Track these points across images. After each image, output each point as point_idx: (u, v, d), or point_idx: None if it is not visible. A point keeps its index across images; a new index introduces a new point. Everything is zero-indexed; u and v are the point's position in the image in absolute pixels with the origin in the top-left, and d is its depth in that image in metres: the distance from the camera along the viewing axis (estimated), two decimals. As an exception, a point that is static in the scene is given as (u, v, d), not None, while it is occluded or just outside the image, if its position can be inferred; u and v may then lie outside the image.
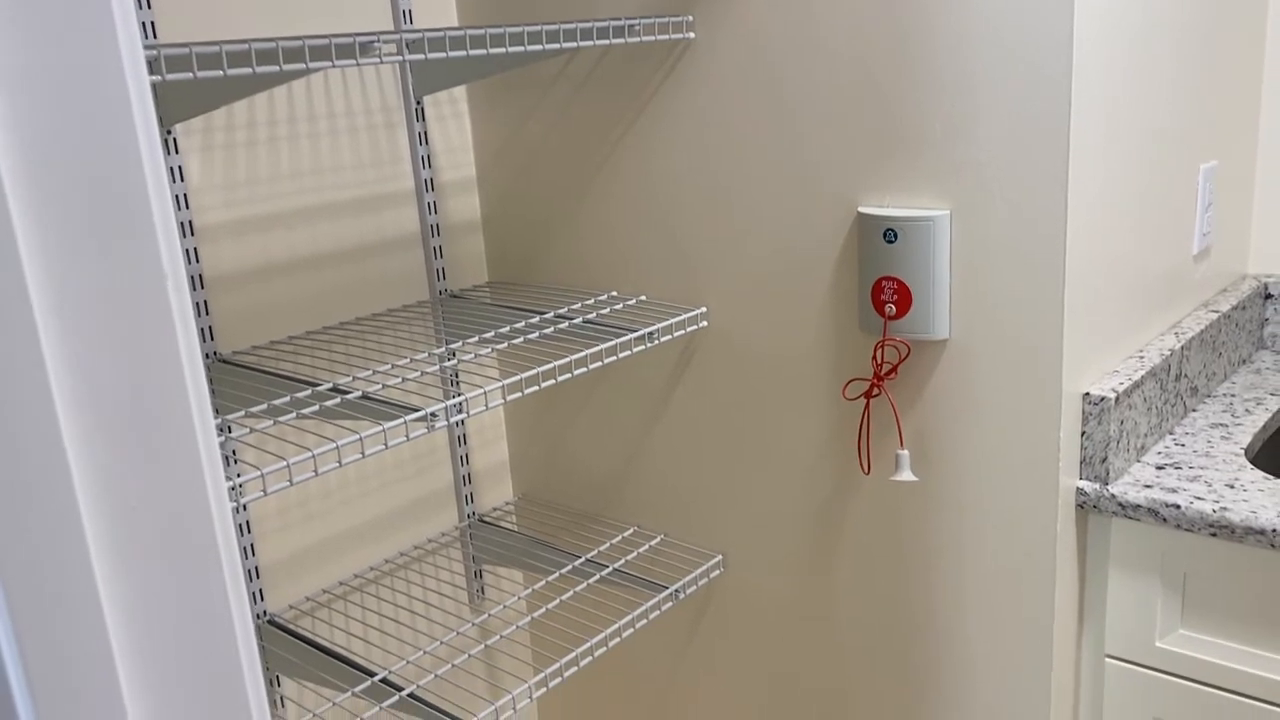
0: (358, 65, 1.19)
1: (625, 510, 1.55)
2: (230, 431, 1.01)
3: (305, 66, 0.96)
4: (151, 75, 0.88)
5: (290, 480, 0.96)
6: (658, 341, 1.31)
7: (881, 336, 1.20)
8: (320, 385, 1.11)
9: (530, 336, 1.24)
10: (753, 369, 1.34)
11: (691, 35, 1.27)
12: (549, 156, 1.46)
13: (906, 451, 1.22)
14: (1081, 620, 1.23)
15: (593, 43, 1.19)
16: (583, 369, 1.22)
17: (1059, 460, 1.13)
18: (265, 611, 1.36)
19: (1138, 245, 1.24)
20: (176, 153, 1.21)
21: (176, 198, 1.21)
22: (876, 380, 1.21)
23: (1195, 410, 1.35)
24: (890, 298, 1.17)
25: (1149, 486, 1.14)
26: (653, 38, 1.26)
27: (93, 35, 0.35)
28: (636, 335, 1.27)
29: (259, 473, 0.93)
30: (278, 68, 0.94)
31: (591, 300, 1.42)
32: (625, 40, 1.22)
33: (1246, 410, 1.34)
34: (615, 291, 1.45)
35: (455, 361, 1.20)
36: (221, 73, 0.91)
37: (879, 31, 1.13)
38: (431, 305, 1.47)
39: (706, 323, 1.37)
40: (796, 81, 1.20)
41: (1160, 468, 1.18)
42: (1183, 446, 1.24)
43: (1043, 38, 1.03)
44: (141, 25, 1.15)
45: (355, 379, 1.14)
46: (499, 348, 1.23)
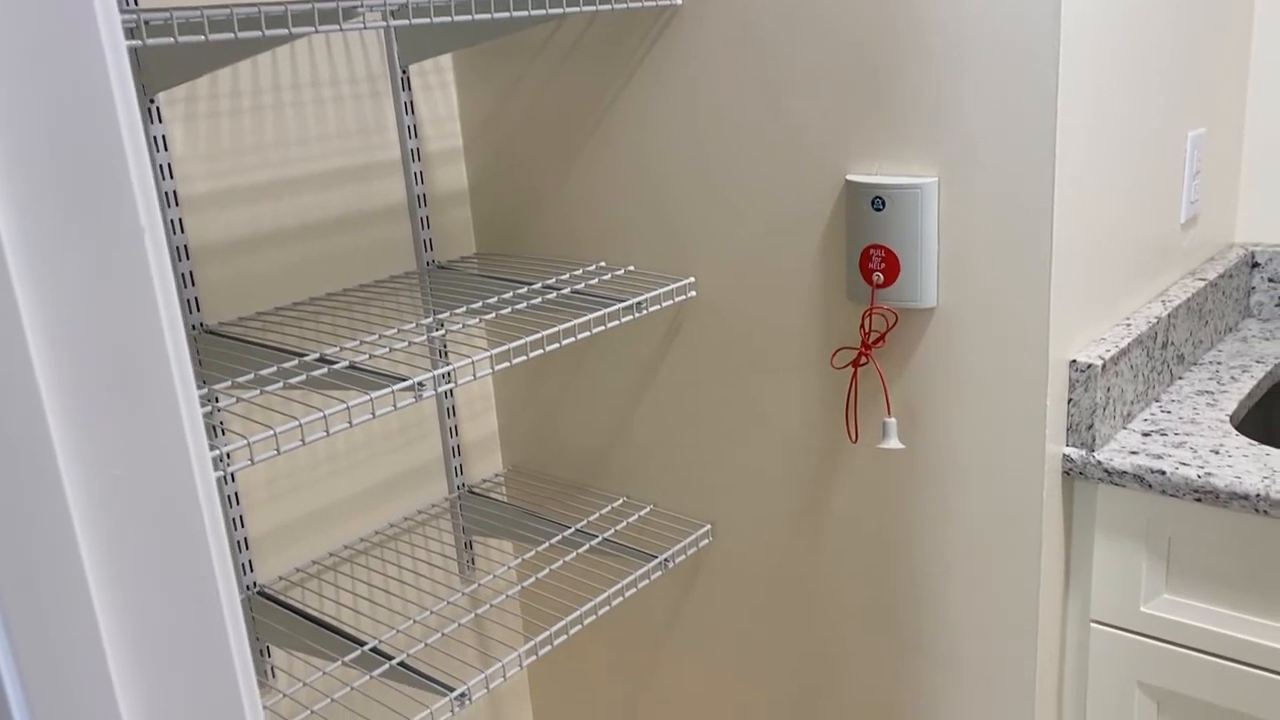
0: (341, 31, 1.18)
1: (614, 481, 1.55)
2: (217, 401, 1.01)
3: (288, 32, 0.95)
4: (133, 40, 0.87)
5: (277, 449, 0.96)
6: (646, 311, 1.31)
7: (869, 305, 1.20)
8: (307, 355, 1.10)
9: (518, 307, 1.23)
10: (741, 339, 1.34)
11: (678, 2, 1.26)
12: (536, 126, 1.46)
13: (894, 419, 1.22)
14: (1067, 585, 1.24)
15: (579, 9, 1.18)
16: (571, 339, 1.21)
17: (1045, 427, 1.13)
18: (255, 583, 1.36)
19: (1125, 213, 1.24)
20: (160, 122, 1.20)
21: (160, 167, 1.20)
22: (864, 349, 1.21)
23: (1182, 378, 1.35)
24: (878, 266, 1.17)
25: (1135, 453, 1.14)
26: (639, 4, 1.25)
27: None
28: (624, 305, 1.27)
29: (245, 442, 0.93)
30: (260, 33, 0.93)
31: (580, 270, 1.42)
32: (611, 7, 1.21)
33: (1232, 378, 1.34)
34: (603, 262, 1.45)
35: (443, 332, 1.20)
36: (203, 38, 0.90)
37: (867, -3, 1.12)
38: (419, 276, 1.47)
39: (695, 293, 1.37)
40: (784, 48, 1.20)
41: (1146, 434, 1.19)
42: (1169, 413, 1.25)
43: (1031, 6, 1.03)
44: (122, -8, 1.14)
45: (342, 349, 1.14)
46: (487, 318, 1.23)
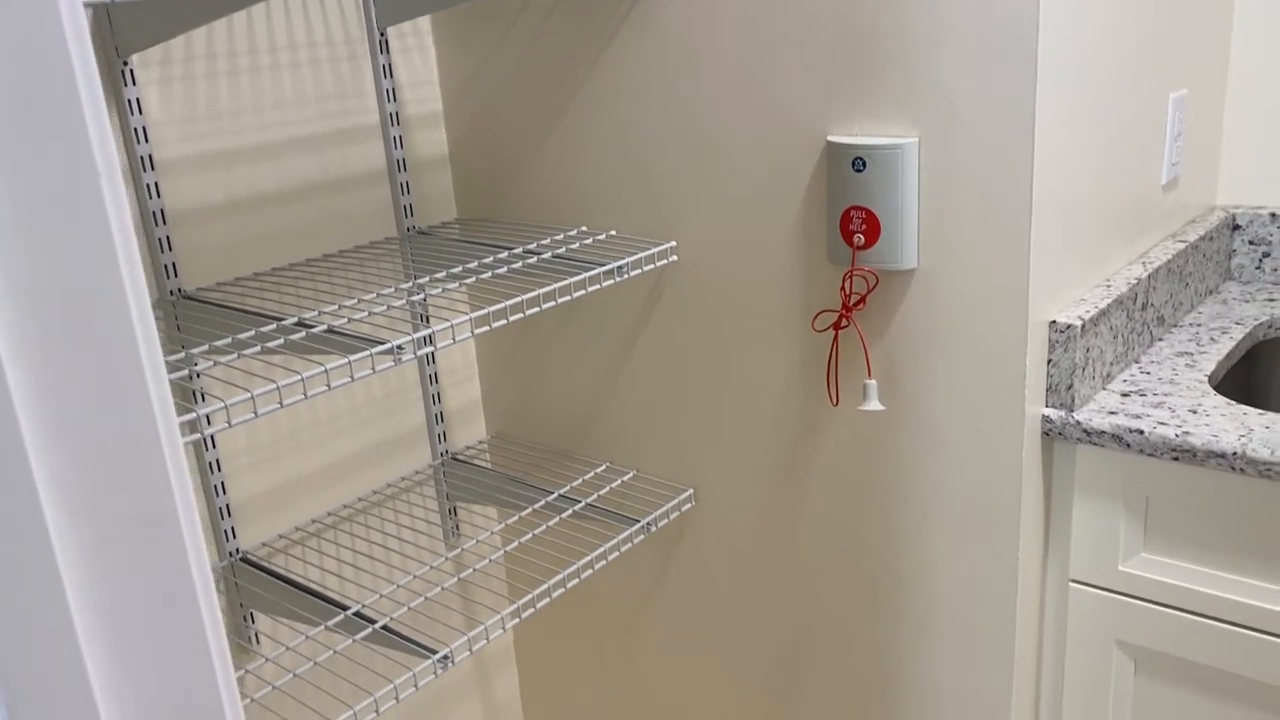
0: (317, -7, 1.17)
1: (598, 447, 1.56)
2: (195, 365, 1.00)
3: (260, -10, 0.94)
4: (101, -2, 0.86)
5: (255, 412, 0.96)
6: (627, 276, 1.30)
7: (850, 267, 1.20)
8: (286, 320, 1.10)
9: (499, 272, 1.23)
10: (722, 303, 1.34)
11: (658, -38, 1.25)
12: (516, 90, 1.45)
13: (874, 381, 1.22)
14: (1046, 546, 1.25)
15: (557, -31, 1.17)
16: (551, 303, 1.21)
17: (1025, 388, 1.14)
18: (238, 549, 1.36)
19: (1106, 174, 1.24)
20: (134, 84, 1.18)
21: (135, 130, 1.19)
22: (845, 311, 1.22)
23: (1162, 339, 1.36)
24: (859, 227, 1.17)
25: (1113, 413, 1.15)
26: (619, -35, 1.24)
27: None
28: (605, 269, 1.26)
29: (223, 404, 0.92)
30: (232, -9, 0.92)
31: (561, 236, 1.41)
32: (590, -33, 1.20)
33: (1212, 339, 1.35)
34: (585, 227, 1.44)
35: (422, 297, 1.19)
36: (174, -4, 0.88)
37: (847, -44, 1.11)
38: (400, 242, 1.46)
39: (676, 257, 1.36)
40: (764, 9, 1.19)
41: (1125, 395, 1.20)
42: (1148, 374, 1.25)
43: (1011, -40, 1.02)
44: (93, -48, 1.12)
45: (321, 314, 1.14)
46: (467, 283, 1.22)
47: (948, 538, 1.24)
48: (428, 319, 1.52)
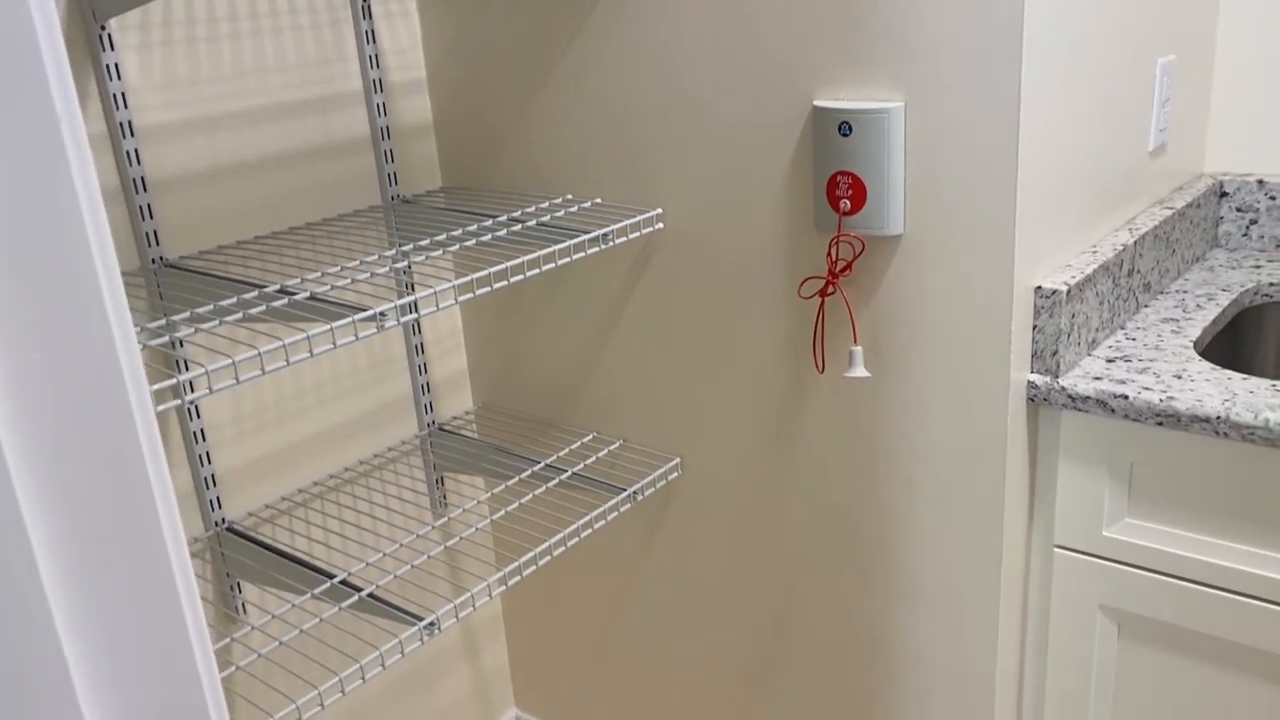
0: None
1: (585, 417, 1.55)
2: (177, 332, 0.99)
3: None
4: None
5: (236, 378, 0.95)
6: (613, 243, 1.30)
7: (836, 233, 1.19)
8: (268, 287, 1.09)
9: (484, 240, 1.22)
10: (709, 271, 1.34)
11: (643, -75, 1.24)
12: (500, 56, 1.43)
13: (860, 348, 1.22)
14: (1031, 512, 1.25)
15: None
16: (536, 270, 1.20)
17: (1010, 354, 1.14)
18: (224, 519, 1.36)
19: (1093, 140, 1.23)
20: (112, 49, 1.17)
21: (114, 96, 1.18)
22: (831, 278, 1.21)
23: (1148, 306, 1.36)
24: (845, 193, 1.16)
25: (1098, 379, 1.15)
26: (603, -72, 1.22)
27: None
28: (591, 237, 1.26)
29: (204, 369, 0.92)
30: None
31: (546, 204, 1.40)
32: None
33: (1198, 306, 1.35)
34: (570, 195, 1.43)
35: (406, 264, 1.18)
36: (149, -44, 0.87)
37: (833, -83, 1.10)
38: (384, 210, 1.45)
39: (662, 225, 1.36)
40: (750, -28, 1.17)
41: (1110, 361, 1.20)
42: (1133, 340, 1.25)
43: (998, -79, 1.01)
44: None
45: (304, 281, 1.13)
46: (452, 251, 1.21)
47: (933, 504, 1.24)
48: (412, 287, 1.51)
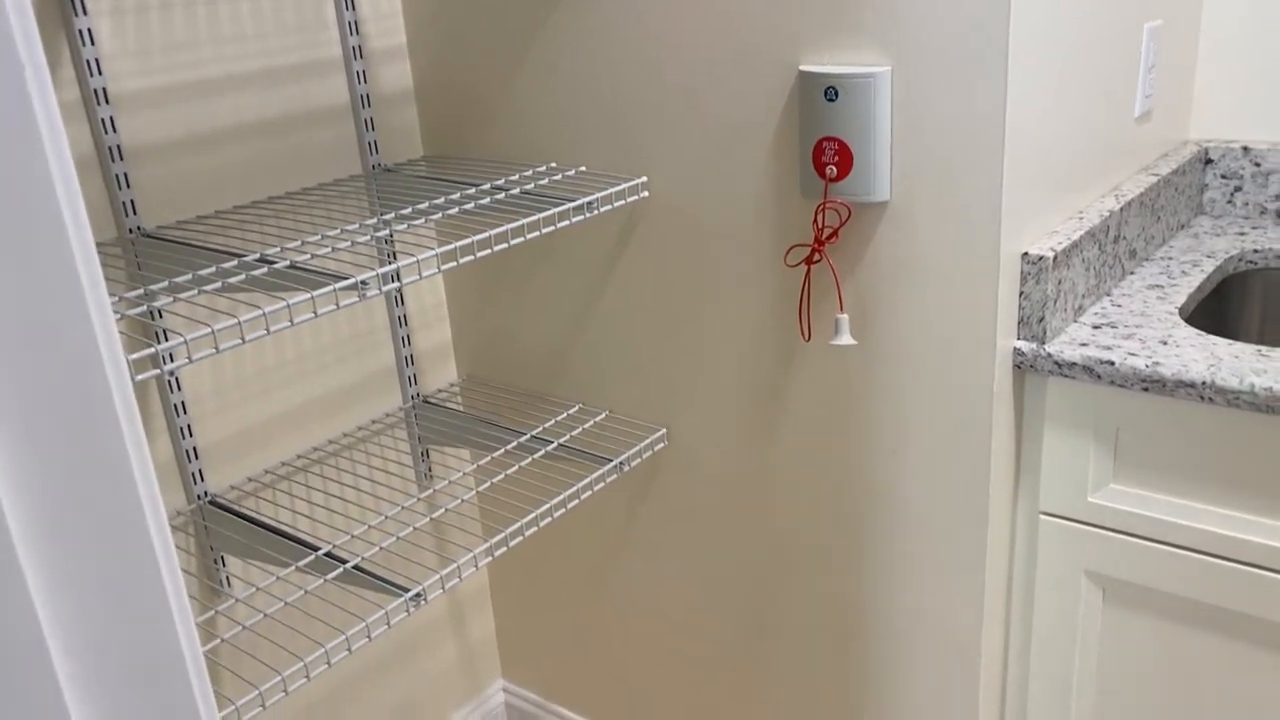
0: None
1: (570, 388, 1.55)
2: (156, 302, 0.98)
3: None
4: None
5: (216, 347, 0.94)
6: (597, 211, 1.29)
7: (822, 200, 1.18)
8: (248, 256, 1.08)
9: (466, 208, 1.21)
10: (694, 239, 1.33)
11: (626, -113, 1.22)
12: (482, 23, 1.41)
13: (846, 316, 1.22)
14: (1017, 478, 1.25)
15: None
16: (520, 239, 1.19)
17: (997, 321, 1.13)
18: (206, 492, 1.35)
19: (1079, 106, 1.23)
20: (85, 14, 1.14)
21: (88, 62, 1.15)
22: (817, 245, 1.20)
23: (1133, 272, 1.36)
24: (831, 159, 1.15)
25: (1084, 345, 1.15)
26: (585, -110, 1.20)
27: None
28: (575, 205, 1.24)
29: (183, 339, 0.91)
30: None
31: (530, 172, 1.39)
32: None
33: (1183, 272, 1.35)
34: (554, 163, 1.42)
35: (388, 233, 1.17)
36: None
37: (818, -122, 1.08)
38: (365, 179, 1.43)
39: (647, 193, 1.34)
40: (734, -66, 1.16)
41: (1096, 327, 1.20)
42: (1119, 307, 1.25)
43: (985, -119, 1.00)
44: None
45: (285, 250, 1.11)
46: (434, 219, 1.20)
47: (919, 471, 1.24)
48: (395, 256, 1.50)
